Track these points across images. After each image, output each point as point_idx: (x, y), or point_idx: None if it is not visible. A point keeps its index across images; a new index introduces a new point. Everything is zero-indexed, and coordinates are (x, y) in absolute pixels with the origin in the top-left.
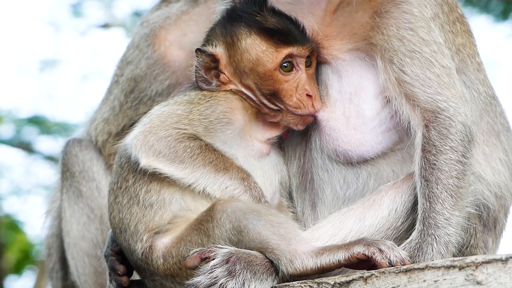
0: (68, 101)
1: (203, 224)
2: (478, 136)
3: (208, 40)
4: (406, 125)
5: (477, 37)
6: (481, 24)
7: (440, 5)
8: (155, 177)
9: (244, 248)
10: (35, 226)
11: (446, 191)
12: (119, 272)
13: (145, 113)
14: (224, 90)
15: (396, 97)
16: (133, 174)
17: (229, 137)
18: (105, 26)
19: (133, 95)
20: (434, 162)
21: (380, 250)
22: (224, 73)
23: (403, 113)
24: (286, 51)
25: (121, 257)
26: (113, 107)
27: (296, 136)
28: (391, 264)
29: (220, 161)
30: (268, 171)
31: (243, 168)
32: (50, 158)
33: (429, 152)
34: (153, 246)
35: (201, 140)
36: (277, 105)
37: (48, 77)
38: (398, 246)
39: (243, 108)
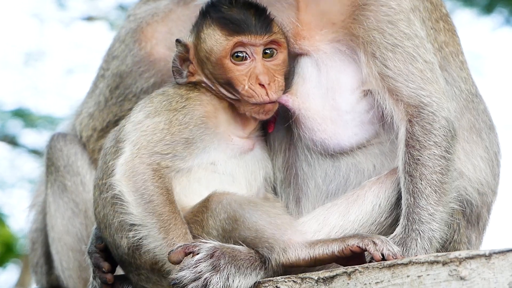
0: (52, 94)
1: (198, 216)
2: (458, 133)
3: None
4: (389, 120)
5: (461, 30)
6: (465, 18)
7: (421, 0)
8: None
9: (237, 237)
10: (19, 220)
11: (430, 187)
12: (103, 269)
13: (130, 109)
14: (196, 88)
15: (379, 92)
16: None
17: (208, 142)
18: (89, 19)
19: (118, 91)
20: (418, 157)
21: (374, 243)
22: (192, 63)
23: (386, 108)
24: (235, 39)
25: (105, 254)
26: (98, 102)
27: (282, 130)
28: (383, 258)
29: (170, 218)
30: (252, 166)
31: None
32: (35, 152)
33: (413, 147)
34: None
35: (169, 184)
36: (233, 94)
37: (33, 70)
38: None
39: (217, 106)
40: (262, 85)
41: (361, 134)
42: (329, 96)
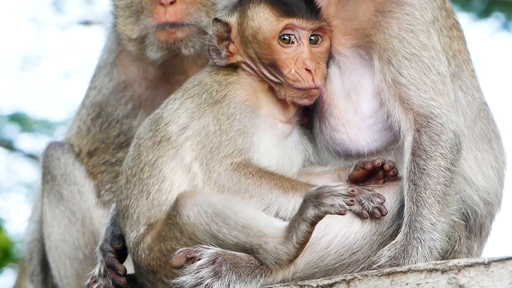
0: (49, 99)
1: (172, 219)
2: (471, 141)
3: (227, 11)
4: (397, 128)
5: (464, 34)
6: (462, 22)
7: (439, 9)
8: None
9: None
10: (16, 224)
11: (433, 197)
12: (119, 272)
13: (117, 136)
14: (235, 72)
15: (389, 99)
16: (148, 168)
17: (257, 126)
18: (86, 23)
19: (101, 120)
20: (424, 167)
21: (323, 204)
22: (233, 42)
23: (394, 116)
24: (286, 21)
25: (120, 255)
26: (80, 129)
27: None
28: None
29: (284, 181)
30: (289, 151)
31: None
32: (32, 156)
33: (419, 157)
34: (144, 238)
35: (256, 166)
36: (277, 77)
37: (29, 74)
38: None
39: (257, 89)
40: (308, 70)
41: (381, 141)
42: (352, 99)
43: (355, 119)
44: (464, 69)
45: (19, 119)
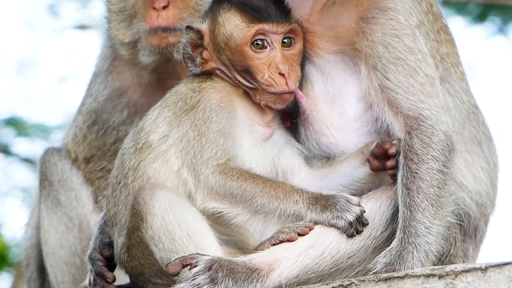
0: (45, 103)
1: (135, 221)
2: (460, 144)
3: (199, 19)
4: (388, 133)
5: (454, 39)
6: (458, 26)
7: (425, 13)
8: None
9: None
10: (12, 229)
11: (427, 200)
12: (108, 279)
13: (113, 143)
14: (209, 78)
15: (378, 104)
16: (132, 172)
17: (235, 126)
18: (82, 27)
19: (97, 127)
20: (416, 171)
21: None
22: (207, 49)
23: (384, 121)
24: (257, 27)
25: (109, 263)
26: (76, 135)
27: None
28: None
29: (268, 186)
30: (270, 154)
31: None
32: (28, 160)
33: (411, 161)
34: (125, 241)
35: (242, 168)
36: (251, 82)
37: (25, 79)
38: (378, 254)
39: (232, 93)
40: (282, 74)
41: None
42: (337, 103)
43: (340, 122)
44: (452, 73)
45: (15, 123)
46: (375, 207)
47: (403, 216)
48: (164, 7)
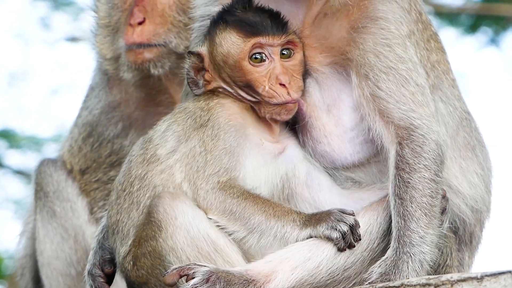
0: (37, 115)
1: (151, 229)
2: (454, 150)
3: (198, 43)
4: (379, 142)
5: (446, 49)
6: (450, 37)
7: (415, 22)
8: None
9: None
10: (4, 241)
11: (420, 210)
12: None
13: (108, 155)
14: (215, 95)
15: (369, 113)
16: (138, 181)
17: (243, 145)
18: (73, 39)
19: (92, 139)
20: (408, 180)
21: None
22: (208, 71)
23: (375, 131)
24: (253, 40)
25: (109, 279)
26: (72, 147)
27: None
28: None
29: (268, 206)
30: (280, 171)
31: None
32: (20, 173)
33: (403, 170)
34: (130, 250)
35: (243, 187)
36: (254, 97)
37: (17, 91)
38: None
39: (241, 108)
40: (282, 85)
41: (363, 153)
42: (333, 112)
43: (337, 131)
44: (443, 80)
45: (7, 136)
46: (372, 218)
47: (397, 226)
48: (140, 23)
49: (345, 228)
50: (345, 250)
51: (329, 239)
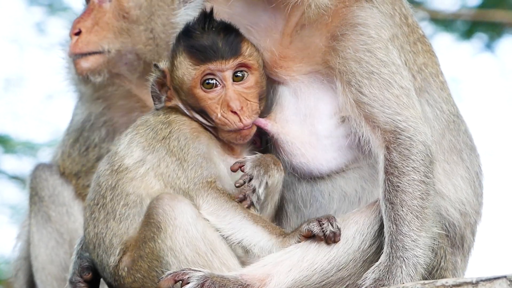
0: (32, 120)
1: (150, 231)
2: (439, 154)
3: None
4: (367, 148)
5: (441, 55)
6: (445, 42)
7: (399, 26)
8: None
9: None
10: (0, 246)
11: (411, 213)
12: None
13: (97, 159)
14: (173, 112)
15: (355, 119)
16: (110, 191)
17: (211, 153)
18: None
19: (79, 144)
20: (398, 184)
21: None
22: (170, 88)
23: (363, 135)
24: (203, 68)
25: (91, 285)
26: (63, 153)
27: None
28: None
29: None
30: None
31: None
32: (15, 178)
33: (392, 174)
34: (122, 258)
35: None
36: (209, 121)
37: (12, 96)
38: (368, 269)
39: (199, 126)
40: (234, 112)
41: (340, 159)
42: (307, 122)
43: (311, 140)
44: (431, 82)
45: (2, 141)
46: (362, 219)
47: (389, 231)
48: (76, 33)
49: (323, 220)
50: (330, 241)
51: (311, 232)
